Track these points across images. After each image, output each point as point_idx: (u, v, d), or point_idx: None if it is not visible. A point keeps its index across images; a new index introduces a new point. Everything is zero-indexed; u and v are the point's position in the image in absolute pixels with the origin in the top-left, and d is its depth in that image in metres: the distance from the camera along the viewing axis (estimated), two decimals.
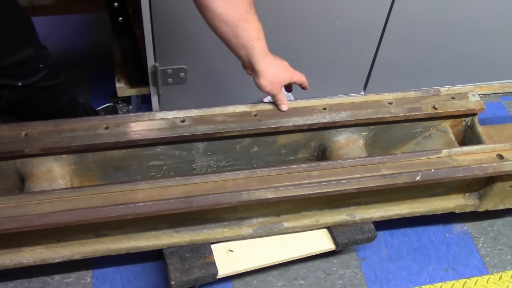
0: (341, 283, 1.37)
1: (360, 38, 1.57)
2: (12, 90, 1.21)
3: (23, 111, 1.28)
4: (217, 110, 1.26)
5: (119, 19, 1.47)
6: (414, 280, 1.39)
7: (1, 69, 1.16)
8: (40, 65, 1.22)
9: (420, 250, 1.45)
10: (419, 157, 1.22)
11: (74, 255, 1.18)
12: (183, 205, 1.09)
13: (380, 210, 1.31)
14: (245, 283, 1.35)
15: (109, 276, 1.33)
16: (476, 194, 1.36)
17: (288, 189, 1.13)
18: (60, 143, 1.17)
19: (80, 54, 1.90)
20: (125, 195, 1.08)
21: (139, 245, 1.20)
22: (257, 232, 1.25)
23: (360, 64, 1.67)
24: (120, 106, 1.71)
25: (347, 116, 1.29)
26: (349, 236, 1.27)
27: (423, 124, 1.38)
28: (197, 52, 1.49)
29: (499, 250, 1.47)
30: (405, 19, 1.54)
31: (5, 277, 1.29)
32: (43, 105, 1.32)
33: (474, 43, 1.67)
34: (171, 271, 1.16)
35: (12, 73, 1.18)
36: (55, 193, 1.08)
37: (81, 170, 1.24)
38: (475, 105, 1.37)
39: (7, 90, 1.21)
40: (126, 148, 1.23)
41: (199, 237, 1.22)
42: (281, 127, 1.26)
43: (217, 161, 1.32)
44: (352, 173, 1.17)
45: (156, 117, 1.23)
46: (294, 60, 1.58)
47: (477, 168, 1.21)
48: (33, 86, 1.23)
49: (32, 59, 1.19)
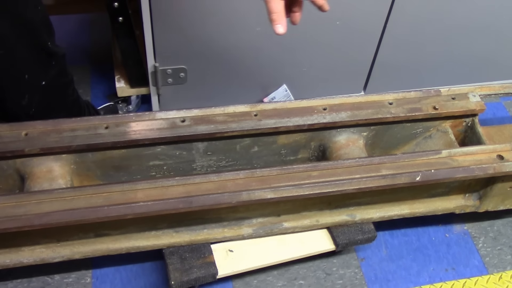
0: (341, 283, 1.37)
1: (360, 38, 1.57)
2: (39, 93, 1.24)
3: (44, 115, 1.27)
4: (217, 110, 1.26)
5: (119, 19, 1.47)
6: (414, 280, 1.39)
7: (25, 62, 1.17)
8: (53, 61, 1.23)
9: (420, 250, 1.45)
10: (419, 158, 1.22)
11: (74, 254, 1.18)
12: (183, 205, 1.09)
13: (380, 211, 1.31)
14: (245, 283, 1.35)
15: (109, 276, 1.33)
16: (476, 195, 1.36)
17: (288, 189, 1.13)
18: (60, 143, 1.17)
19: (80, 54, 1.90)
20: (125, 195, 1.08)
21: (139, 245, 1.20)
22: (257, 232, 1.25)
23: (360, 64, 1.67)
24: (120, 106, 1.71)
25: (347, 116, 1.29)
26: (349, 236, 1.27)
27: (423, 125, 1.38)
28: (197, 52, 1.49)
29: (499, 250, 1.47)
30: (405, 19, 1.54)
31: (5, 277, 1.29)
32: (59, 104, 1.33)
33: (474, 43, 1.67)
34: (171, 271, 1.16)
35: (34, 67, 1.19)
36: (55, 193, 1.08)
37: (81, 170, 1.24)
38: (476, 105, 1.37)
39: (36, 96, 1.24)
40: (126, 148, 1.23)
41: (199, 237, 1.22)
42: (281, 127, 1.26)
43: (217, 161, 1.32)
44: (352, 174, 1.17)
45: (156, 117, 1.23)
46: (294, 60, 1.59)
47: (477, 168, 1.21)
48: (51, 84, 1.24)
49: (49, 54, 1.21)
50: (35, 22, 1.14)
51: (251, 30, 1.46)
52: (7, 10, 1.08)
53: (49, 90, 1.27)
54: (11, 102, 1.23)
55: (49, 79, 1.25)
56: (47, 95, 1.28)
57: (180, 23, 1.40)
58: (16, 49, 1.15)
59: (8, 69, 1.17)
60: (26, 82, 1.21)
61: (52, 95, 1.30)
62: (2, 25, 1.08)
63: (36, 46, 1.17)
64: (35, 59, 1.20)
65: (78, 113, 1.42)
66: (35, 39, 1.16)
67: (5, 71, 1.17)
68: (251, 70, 1.58)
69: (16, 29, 1.11)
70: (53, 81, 1.27)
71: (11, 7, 1.08)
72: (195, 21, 1.40)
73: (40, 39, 1.17)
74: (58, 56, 1.24)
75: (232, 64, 1.55)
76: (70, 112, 1.37)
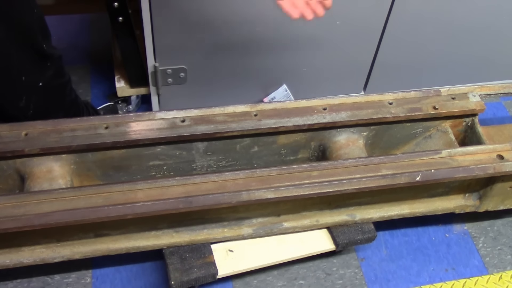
0: (341, 283, 1.37)
1: (360, 38, 1.57)
2: (36, 94, 1.24)
3: (43, 116, 1.27)
4: (217, 110, 1.26)
5: (119, 19, 1.47)
6: (414, 280, 1.39)
7: (22, 64, 1.17)
8: (48, 63, 1.23)
9: (420, 250, 1.45)
10: (419, 158, 1.22)
11: (74, 254, 1.18)
12: (183, 205, 1.09)
13: (380, 210, 1.31)
14: (245, 283, 1.35)
15: (109, 276, 1.33)
16: (476, 195, 1.36)
17: (288, 189, 1.13)
18: (60, 143, 1.17)
19: (80, 54, 1.90)
20: (125, 195, 1.08)
21: (139, 245, 1.20)
22: (257, 232, 1.25)
23: (360, 64, 1.67)
24: (120, 106, 1.71)
25: (347, 116, 1.29)
26: (349, 236, 1.27)
27: (423, 125, 1.38)
28: (197, 52, 1.49)
29: (499, 250, 1.47)
30: (405, 19, 1.54)
31: (5, 277, 1.29)
32: (57, 105, 1.33)
33: (474, 43, 1.67)
34: (171, 271, 1.16)
35: (30, 69, 1.20)
36: (55, 193, 1.08)
37: (81, 170, 1.24)
38: (476, 105, 1.37)
39: (34, 97, 1.24)
40: (126, 148, 1.23)
41: (199, 237, 1.22)
42: (281, 127, 1.26)
43: (217, 161, 1.32)
44: (352, 173, 1.17)
45: (156, 117, 1.23)
46: (294, 60, 1.59)
47: (477, 168, 1.21)
48: (48, 85, 1.25)
49: (45, 56, 1.21)
50: (31, 26, 1.14)
51: (251, 30, 1.46)
52: (3, 14, 1.08)
53: (46, 91, 1.27)
54: (8, 104, 1.24)
55: (46, 81, 1.25)
56: (45, 96, 1.28)
57: (180, 23, 1.40)
58: (12, 52, 1.15)
59: (4, 71, 1.17)
60: (22, 84, 1.21)
61: (50, 96, 1.30)
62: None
63: (31, 49, 1.18)
64: (31, 61, 1.20)
65: (77, 113, 1.42)
66: (31, 42, 1.16)
67: (1, 74, 1.17)
68: (251, 70, 1.58)
69: (12, 33, 1.11)
70: (50, 82, 1.27)
71: (7, 11, 1.08)
72: (195, 21, 1.40)
73: (36, 42, 1.17)
74: (54, 57, 1.25)
75: (232, 64, 1.55)
76: (68, 113, 1.37)
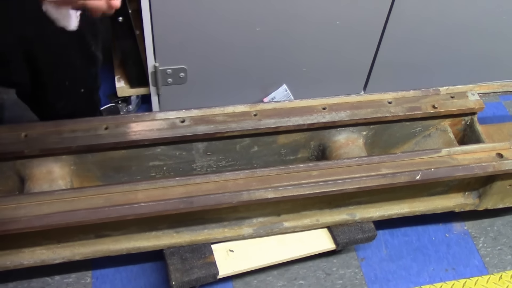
0: (341, 283, 1.37)
1: (360, 38, 1.57)
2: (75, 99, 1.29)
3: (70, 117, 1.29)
4: (217, 110, 1.26)
5: (119, 19, 1.47)
6: (414, 280, 1.39)
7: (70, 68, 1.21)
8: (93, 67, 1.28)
9: (420, 250, 1.45)
10: (419, 157, 1.22)
11: (74, 256, 1.18)
12: (183, 206, 1.09)
13: (380, 210, 1.31)
14: (245, 283, 1.35)
15: (109, 276, 1.33)
16: (475, 193, 1.36)
17: (288, 189, 1.13)
18: (60, 144, 1.17)
19: None
20: (125, 195, 1.08)
21: (140, 246, 1.20)
22: (257, 232, 1.25)
23: (360, 64, 1.67)
24: (120, 106, 1.71)
25: (347, 116, 1.29)
26: (349, 235, 1.28)
27: (422, 123, 1.38)
28: (197, 52, 1.49)
29: (499, 250, 1.47)
30: (405, 19, 1.54)
31: (5, 277, 1.29)
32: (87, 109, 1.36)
33: (474, 43, 1.67)
34: (172, 271, 1.16)
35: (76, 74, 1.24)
36: (55, 194, 1.08)
37: (81, 171, 1.24)
38: (475, 104, 1.37)
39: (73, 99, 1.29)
40: (126, 148, 1.23)
41: (200, 237, 1.22)
42: (281, 127, 1.26)
43: (217, 161, 1.32)
44: (352, 173, 1.17)
45: (156, 117, 1.23)
46: (294, 60, 1.59)
47: (476, 167, 1.21)
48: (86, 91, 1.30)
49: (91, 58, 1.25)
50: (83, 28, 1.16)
51: (251, 30, 1.46)
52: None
53: (83, 95, 1.29)
54: (48, 102, 1.26)
55: (87, 86, 1.28)
56: (81, 100, 1.31)
57: (180, 23, 1.40)
58: (65, 54, 1.17)
59: (55, 72, 1.19)
60: (66, 87, 1.24)
61: (84, 100, 1.32)
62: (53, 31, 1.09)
63: (81, 51, 1.19)
64: (79, 63, 1.22)
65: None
66: (82, 44, 1.18)
67: (52, 74, 1.19)
68: (251, 70, 1.58)
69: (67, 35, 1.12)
70: (89, 87, 1.30)
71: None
72: (195, 21, 1.40)
73: (86, 43, 1.19)
74: (97, 60, 1.26)
75: (232, 64, 1.55)
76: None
